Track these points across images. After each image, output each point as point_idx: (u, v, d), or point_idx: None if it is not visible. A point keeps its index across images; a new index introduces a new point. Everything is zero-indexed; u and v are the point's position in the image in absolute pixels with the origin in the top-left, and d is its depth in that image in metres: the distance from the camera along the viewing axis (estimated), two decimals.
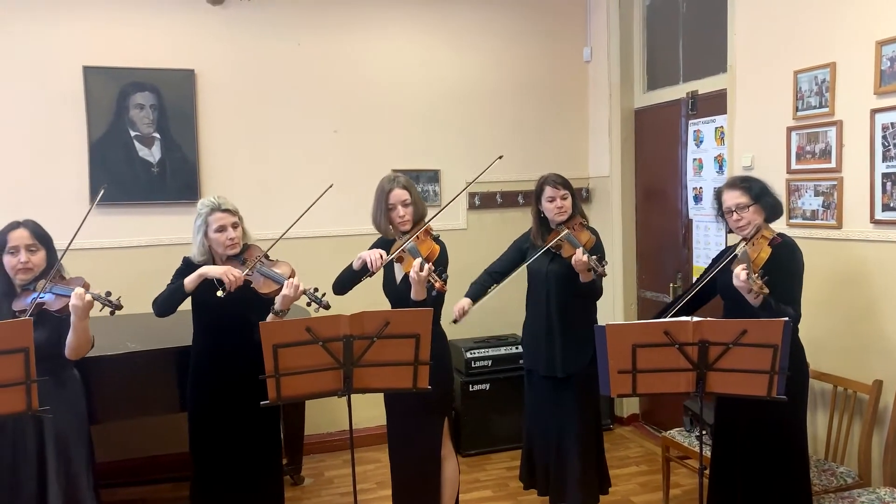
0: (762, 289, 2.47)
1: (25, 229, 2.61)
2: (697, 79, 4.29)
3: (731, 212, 2.76)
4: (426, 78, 4.74)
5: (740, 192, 2.75)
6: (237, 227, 2.87)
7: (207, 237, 2.85)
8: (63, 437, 2.61)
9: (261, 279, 2.79)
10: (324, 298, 2.72)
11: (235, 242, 2.85)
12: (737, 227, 2.76)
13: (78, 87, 4.07)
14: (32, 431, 2.56)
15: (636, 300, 4.86)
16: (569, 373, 3.27)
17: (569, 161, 4.94)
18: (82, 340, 2.56)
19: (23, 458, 2.55)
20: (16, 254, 2.58)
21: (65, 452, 2.61)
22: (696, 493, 3.79)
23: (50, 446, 2.58)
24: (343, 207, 4.49)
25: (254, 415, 2.91)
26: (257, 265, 2.79)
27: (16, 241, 2.58)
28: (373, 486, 3.97)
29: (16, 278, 2.60)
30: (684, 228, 4.41)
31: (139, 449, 4.10)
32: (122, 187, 4.15)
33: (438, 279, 2.67)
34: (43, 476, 2.57)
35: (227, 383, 2.88)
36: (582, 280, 3.10)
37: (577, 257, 2.99)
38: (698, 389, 2.41)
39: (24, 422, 2.52)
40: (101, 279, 2.83)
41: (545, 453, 3.39)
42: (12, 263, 2.58)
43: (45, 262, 2.63)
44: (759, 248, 2.65)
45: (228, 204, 2.89)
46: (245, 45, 4.39)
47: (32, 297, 2.53)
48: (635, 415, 4.96)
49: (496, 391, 4.46)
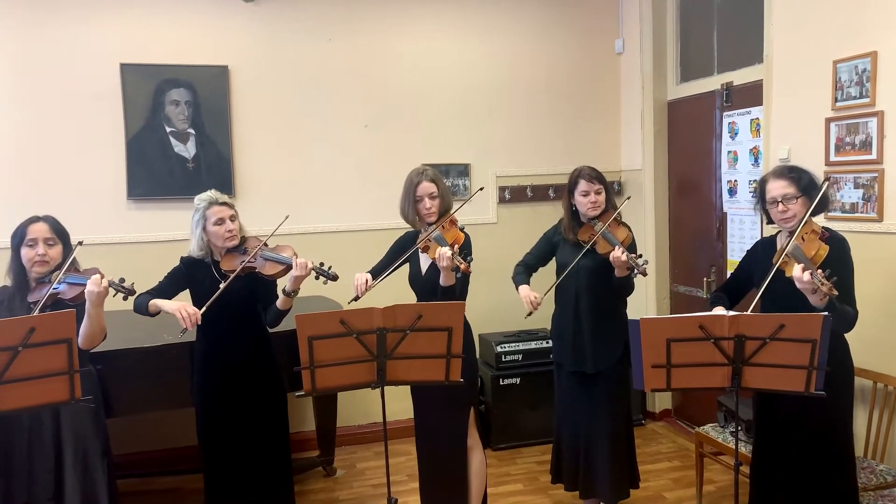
0: (832, 290, 2.31)
1: (45, 223, 2.66)
2: (732, 70, 4.22)
3: (777, 202, 2.63)
4: (457, 72, 4.74)
5: (788, 182, 2.63)
6: (235, 220, 2.93)
7: (206, 231, 2.90)
8: (79, 430, 2.66)
9: (265, 263, 2.87)
10: (331, 271, 2.82)
11: (234, 234, 2.91)
12: (781, 218, 2.64)
13: (115, 84, 4.16)
14: (49, 423, 2.61)
15: (669, 295, 4.81)
16: (599, 369, 3.25)
17: (600, 154, 4.90)
18: (96, 329, 2.58)
19: (39, 450, 2.60)
20: (34, 246, 2.62)
21: (81, 445, 2.66)
22: (730, 489, 3.76)
23: (66, 438, 2.63)
24: (374, 201, 4.53)
25: (260, 405, 2.99)
26: (259, 251, 2.87)
27: (34, 234, 2.63)
28: (404, 477, 4.00)
29: (32, 271, 2.65)
30: (718, 222, 4.34)
31: (157, 441, 4.17)
32: (158, 183, 4.23)
33: (463, 261, 2.71)
34: (59, 467, 2.62)
35: (232, 375, 2.93)
36: (617, 275, 3.08)
37: (616, 255, 2.96)
38: (734, 384, 2.38)
39: (41, 414, 2.57)
40: (137, 272, 2.89)
41: (574, 448, 3.38)
42: (29, 256, 2.63)
43: (61, 256, 2.68)
44: (815, 245, 2.51)
45: (225, 197, 2.95)
46: (277, 41, 4.43)
47: (46, 289, 2.56)
48: (667, 410, 4.91)
49: (527, 385, 4.46)
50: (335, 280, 2.84)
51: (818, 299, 2.41)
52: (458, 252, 2.77)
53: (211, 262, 2.94)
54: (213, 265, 2.93)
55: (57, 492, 2.61)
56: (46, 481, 2.60)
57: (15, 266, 2.66)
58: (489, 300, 4.65)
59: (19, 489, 2.59)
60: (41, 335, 2.22)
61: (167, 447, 4.19)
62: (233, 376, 2.93)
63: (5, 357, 2.18)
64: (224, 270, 2.88)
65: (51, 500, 2.60)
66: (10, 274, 2.68)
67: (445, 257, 2.73)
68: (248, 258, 2.86)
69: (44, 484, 2.59)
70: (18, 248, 2.65)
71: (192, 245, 2.94)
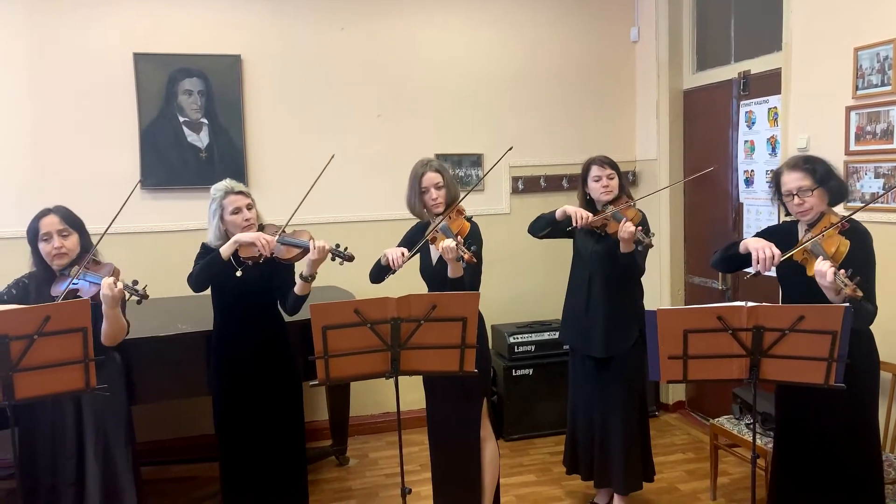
0: (855, 292, 2.23)
1: (55, 215, 2.65)
2: (750, 58, 4.16)
3: (793, 195, 2.57)
4: (469, 61, 4.70)
5: (803, 174, 2.56)
6: (251, 209, 2.92)
7: (223, 220, 2.90)
8: (101, 418, 2.68)
9: (283, 248, 2.87)
10: (346, 251, 2.81)
11: (252, 223, 2.91)
12: (798, 211, 2.59)
13: (129, 74, 4.16)
14: (72, 411, 2.63)
15: (683, 286, 4.77)
16: (610, 354, 3.24)
17: (615, 144, 4.86)
18: (116, 328, 2.60)
19: (62, 437, 2.63)
20: (49, 240, 2.62)
21: (103, 432, 2.68)
22: (744, 481, 3.75)
23: (88, 426, 2.65)
24: (387, 191, 4.51)
25: (276, 393, 2.99)
26: (278, 236, 2.87)
27: (47, 228, 2.62)
28: (417, 467, 4.00)
29: (53, 264, 2.65)
30: (735, 212, 4.30)
31: (172, 429, 4.18)
32: (171, 172, 4.24)
33: (467, 251, 2.68)
34: (81, 454, 2.64)
35: (249, 363, 2.93)
36: (622, 250, 3.06)
37: (623, 226, 2.95)
38: (752, 376, 2.36)
39: (64, 402, 2.59)
40: (151, 262, 2.90)
41: (588, 436, 3.38)
42: (47, 250, 2.62)
43: (78, 245, 2.67)
44: (835, 241, 2.44)
45: (241, 186, 2.94)
46: (290, 31, 4.41)
47: (66, 283, 2.56)
48: (681, 402, 4.89)
49: (539, 376, 4.44)
50: (351, 261, 2.82)
51: (840, 300, 2.34)
52: (462, 242, 2.75)
53: None
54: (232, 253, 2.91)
55: (78, 478, 2.63)
56: (68, 467, 2.62)
57: (37, 259, 2.67)
58: (502, 291, 4.63)
59: (44, 474, 2.62)
60: (56, 324, 2.24)
61: (182, 435, 4.22)
62: (249, 364, 2.93)
63: (22, 345, 2.19)
64: (243, 258, 2.87)
65: (72, 485, 2.62)
66: (35, 266, 2.70)
67: (449, 248, 2.71)
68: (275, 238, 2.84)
69: (66, 470, 2.62)
70: (35, 244, 2.65)
71: (209, 235, 2.93)
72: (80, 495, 2.63)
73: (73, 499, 2.62)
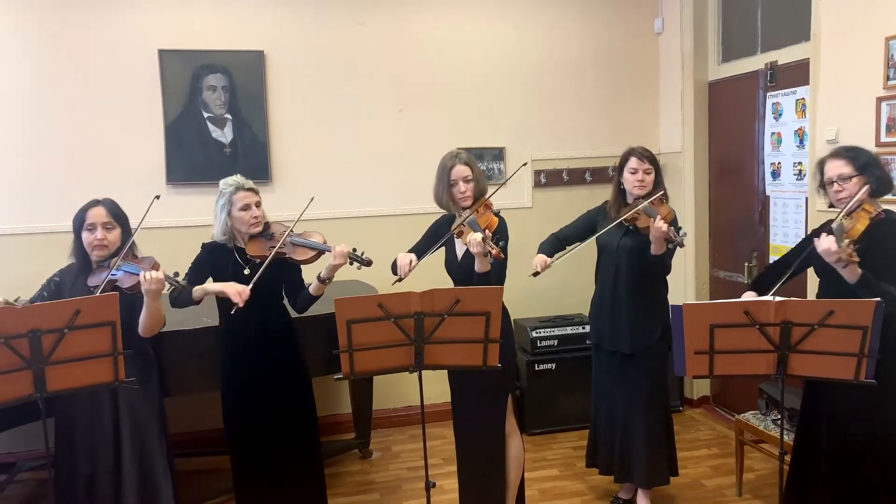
0: (851, 257, 2.31)
1: (103, 207, 2.71)
2: (777, 49, 4.09)
3: (832, 182, 2.58)
4: (491, 54, 4.68)
5: (844, 161, 2.57)
6: (260, 206, 2.92)
7: (231, 216, 2.88)
8: (136, 408, 2.73)
9: (295, 249, 2.87)
10: (364, 256, 2.82)
11: (259, 221, 2.90)
12: (837, 198, 2.59)
13: (154, 70, 4.20)
14: (108, 402, 2.70)
15: (708, 280, 4.72)
16: (636, 349, 3.22)
17: (638, 137, 4.79)
18: (155, 319, 2.67)
19: (99, 425, 2.70)
20: (93, 231, 2.68)
21: (137, 422, 2.73)
22: (770, 477, 3.72)
23: (124, 414, 2.71)
24: (408, 186, 4.52)
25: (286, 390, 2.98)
26: (288, 237, 2.87)
27: (93, 219, 2.69)
28: (439, 461, 4.01)
29: (92, 254, 2.71)
30: (761, 206, 4.24)
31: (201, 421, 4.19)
32: (196, 167, 4.28)
33: (495, 247, 2.66)
34: (118, 444, 2.71)
35: (257, 361, 2.92)
36: (653, 251, 3.03)
37: (656, 225, 2.91)
38: (779, 372, 2.33)
39: (100, 393, 2.65)
40: (176, 256, 2.92)
41: (610, 431, 3.37)
42: (89, 240, 2.69)
43: (119, 240, 2.73)
44: (857, 219, 2.48)
45: (250, 183, 2.93)
46: (312, 26, 4.42)
47: (106, 274, 2.63)
48: (706, 397, 4.84)
49: (562, 371, 4.43)
50: (369, 265, 2.84)
51: (846, 270, 2.39)
52: (490, 237, 2.73)
53: (234, 247, 2.93)
54: (237, 251, 2.92)
55: (115, 465, 2.70)
56: (106, 454, 2.69)
57: (77, 248, 2.74)
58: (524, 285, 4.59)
59: (83, 461, 2.69)
60: (86, 318, 2.27)
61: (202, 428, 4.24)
62: (255, 359, 2.93)
63: (53, 339, 2.23)
64: (250, 256, 2.88)
65: (110, 472, 2.69)
66: (74, 255, 2.77)
67: (476, 243, 2.69)
68: (278, 244, 2.84)
69: (103, 457, 2.69)
70: (79, 232, 2.72)
71: (215, 229, 2.92)
72: (118, 481, 2.70)
73: (110, 485, 2.69)
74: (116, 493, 2.70)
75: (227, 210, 2.87)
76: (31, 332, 2.20)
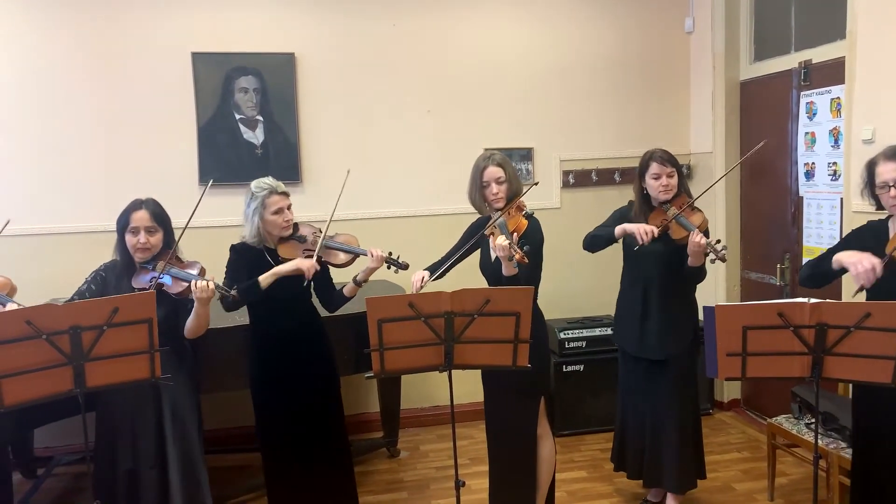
0: None
1: (147, 211, 2.76)
2: (811, 47, 4.03)
3: (889, 187, 2.44)
4: (519, 54, 4.68)
5: None
6: (290, 209, 2.95)
7: (263, 219, 2.90)
8: (178, 404, 2.80)
9: (329, 252, 2.91)
10: (401, 260, 2.86)
11: (290, 224, 2.95)
12: (894, 204, 2.47)
13: (187, 73, 4.27)
14: (151, 398, 2.76)
15: (739, 281, 4.67)
16: (666, 356, 3.18)
17: (669, 137, 4.77)
18: (203, 323, 2.76)
19: (142, 421, 2.76)
20: (136, 234, 2.74)
21: (180, 418, 2.80)
22: (803, 482, 3.66)
23: (167, 412, 2.77)
24: (437, 186, 4.54)
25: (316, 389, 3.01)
26: (323, 241, 2.90)
27: (136, 222, 2.75)
28: (466, 461, 4.02)
29: (135, 256, 2.78)
30: (794, 206, 4.18)
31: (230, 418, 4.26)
32: (228, 169, 4.34)
33: (519, 251, 2.64)
34: (161, 440, 2.76)
35: (288, 361, 2.95)
36: (691, 263, 3.00)
37: (696, 240, 2.88)
38: (814, 374, 2.29)
39: (144, 389, 2.71)
40: (208, 256, 2.97)
41: (639, 436, 3.34)
42: (132, 243, 2.75)
43: (161, 242, 2.80)
44: None
45: (283, 186, 2.96)
46: (342, 28, 4.46)
47: (152, 276, 2.69)
48: (736, 399, 4.78)
49: (590, 372, 4.41)
50: (406, 269, 2.88)
51: None
52: (515, 241, 2.72)
53: (264, 248, 2.95)
54: (267, 252, 2.95)
55: (158, 461, 2.75)
56: (148, 450, 2.75)
57: (120, 248, 2.81)
58: (552, 286, 4.56)
59: (124, 456, 2.75)
60: (124, 315, 2.32)
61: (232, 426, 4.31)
62: (287, 361, 2.96)
63: (92, 335, 2.29)
64: (282, 258, 2.91)
65: (153, 468, 2.74)
66: (117, 254, 2.83)
67: (501, 247, 2.68)
68: (316, 250, 2.87)
69: (146, 453, 2.75)
70: (123, 233, 2.78)
71: (245, 231, 2.95)
72: (163, 477, 2.75)
73: (155, 481, 2.74)
74: (162, 488, 2.75)
75: (259, 213, 2.90)
76: (71, 329, 2.26)
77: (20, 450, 3.96)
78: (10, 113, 4.12)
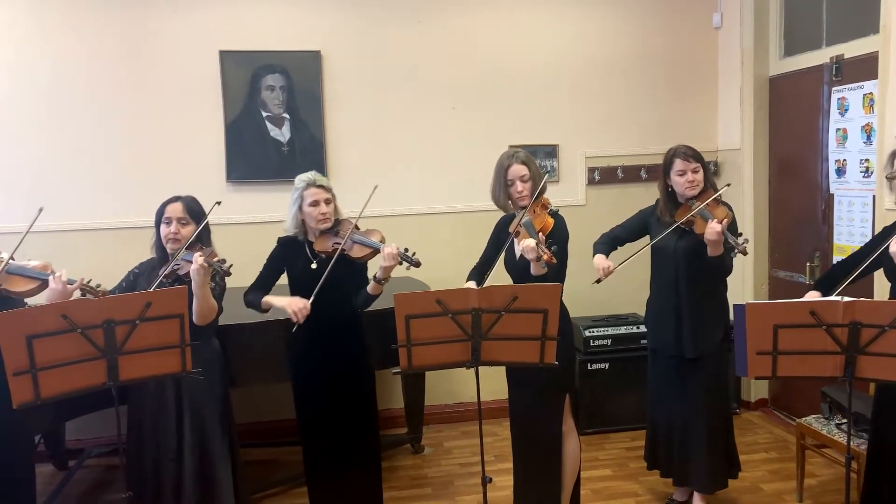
0: None
1: (181, 203, 2.85)
2: (843, 42, 3.97)
3: None
4: (544, 50, 4.66)
5: None
6: (330, 203, 2.97)
7: (302, 211, 2.97)
8: (197, 398, 2.84)
9: (353, 246, 2.93)
10: (414, 257, 2.86)
11: (327, 217, 2.96)
12: None
13: (214, 71, 4.31)
14: (171, 390, 2.81)
15: (767, 280, 4.61)
16: (699, 354, 3.16)
17: (696, 133, 4.72)
18: (204, 307, 2.74)
19: (164, 414, 2.82)
20: (168, 224, 2.82)
21: (199, 410, 2.84)
22: (833, 484, 3.62)
23: (186, 404, 2.83)
24: (461, 184, 4.55)
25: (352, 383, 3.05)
26: (351, 235, 2.93)
27: (170, 213, 2.83)
28: (491, 458, 4.01)
29: (167, 246, 2.84)
30: (824, 204, 4.11)
31: (265, 412, 4.32)
32: (254, 166, 4.38)
33: (547, 251, 2.63)
34: (180, 432, 2.82)
35: (324, 351, 2.99)
36: (710, 253, 2.97)
37: (712, 227, 2.86)
38: (846, 374, 2.26)
39: (165, 383, 2.76)
40: (236, 253, 3.01)
41: (669, 434, 3.31)
42: (164, 233, 2.83)
43: (193, 235, 2.83)
44: None
45: (323, 180, 2.99)
46: (367, 25, 4.48)
47: (171, 265, 2.76)
48: (763, 399, 4.73)
49: (615, 370, 4.38)
50: (418, 266, 2.85)
51: None
52: (543, 241, 2.71)
53: (305, 240, 3.03)
54: (307, 244, 3.02)
55: (178, 453, 2.81)
56: (169, 442, 2.81)
57: (157, 241, 2.89)
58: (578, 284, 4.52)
59: (149, 447, 2.83)
60: (156, 310, 2.36)
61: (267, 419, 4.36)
62: (324, 351, 3.00)
63: (125, 330, 2.32)
64: (317, 251, 2.97)
65: (173, 460, 2.81)
66: (154, 248, 2.92)
67: (529, 248, 2.67)
68: (343, 242, 2.91)
69: (167, 444, 2.81)
70: (159, 224, 2.87)
71: (287, 222, 3.03)
72: (179, 469, 2.81)
73: (173, 472, 2.81)
74: (178, 480, 2.81)
75: (298, 204, 2.97)
76: (105, 323, 2.30)
77: (52, 442, 4.04)
78: (43, 112, 4.20)
